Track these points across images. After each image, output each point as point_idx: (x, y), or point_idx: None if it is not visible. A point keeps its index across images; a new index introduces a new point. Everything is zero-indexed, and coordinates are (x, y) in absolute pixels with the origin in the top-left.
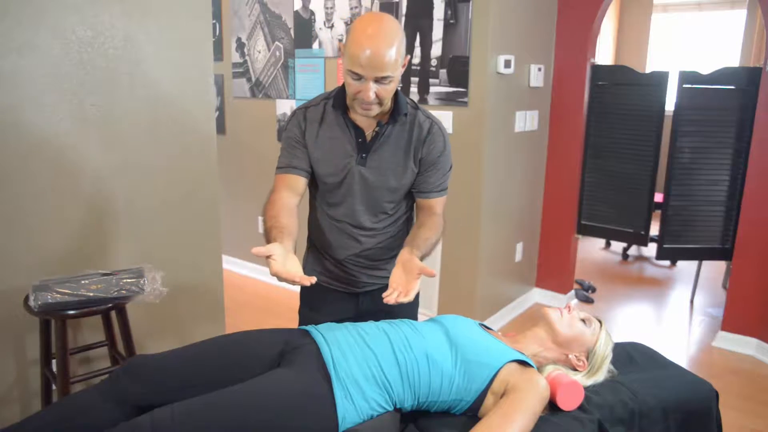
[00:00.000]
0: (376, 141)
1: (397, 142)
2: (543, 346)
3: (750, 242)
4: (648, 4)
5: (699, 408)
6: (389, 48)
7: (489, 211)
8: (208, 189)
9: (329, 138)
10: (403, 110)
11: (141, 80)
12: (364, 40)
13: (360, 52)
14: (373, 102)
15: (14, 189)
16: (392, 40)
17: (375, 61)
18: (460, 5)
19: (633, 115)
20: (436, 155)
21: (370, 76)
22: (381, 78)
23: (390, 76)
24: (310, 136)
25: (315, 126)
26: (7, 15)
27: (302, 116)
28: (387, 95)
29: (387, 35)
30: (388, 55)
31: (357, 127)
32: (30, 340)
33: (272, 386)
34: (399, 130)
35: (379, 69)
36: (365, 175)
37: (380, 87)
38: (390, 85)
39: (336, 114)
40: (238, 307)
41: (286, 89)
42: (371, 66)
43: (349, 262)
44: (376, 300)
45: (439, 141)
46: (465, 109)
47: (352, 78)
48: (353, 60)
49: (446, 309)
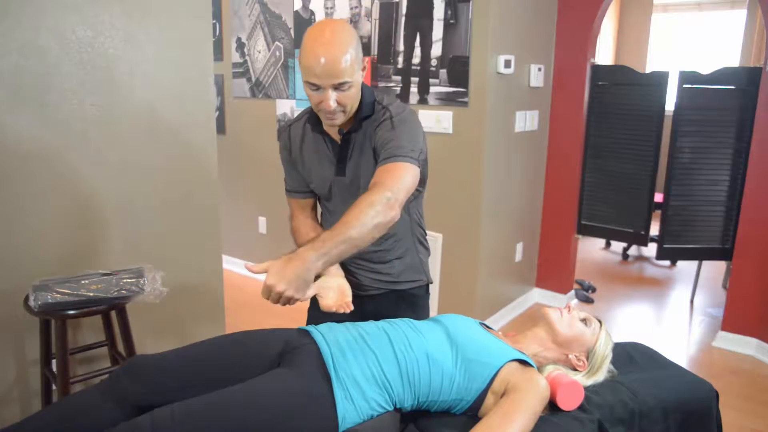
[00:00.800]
0: (347, 148)
1: (365, 142)
2: (543, 346)
3: (750, 242)
4: (648, 4)
5: (699, 408)
6: (343, 54)
7: (489, 211)
8: (208, 189)
9: (311, 153)
10: (365, 113)
11: (141, 80)
12: (318, 48)
13: (314, 61)
14: (336, 110)
15: (14, 189)
16: (346, 46)
17: (330, 69)
18: (460, 5)
19: (633, 115)
20: (386, 130)
21: (327, 85)
22: (339, 85)
23: (348, 81)
24: (296, 154)
25: (297, 143)
26: (7, 15)
27: (287, 135)
28: (349, 101)
29: (339, 41)
30: (343, 60)
31: (332, 140)
32: (30, 340)
33: (272, 386)
34: (364, 131)
35: (335, 76)
36: (345, 183)
37: (340, 94)
38: (350, 90)
39: (313, 129)
40: (238, 307)
41: (286, 89)
42: (326, 74)
43: (351, 265)
44: (381, 307)
45: (386, 123)
46: (465, 109)
47: (311, 89)
48: (308, 70)
49: (446, 309)
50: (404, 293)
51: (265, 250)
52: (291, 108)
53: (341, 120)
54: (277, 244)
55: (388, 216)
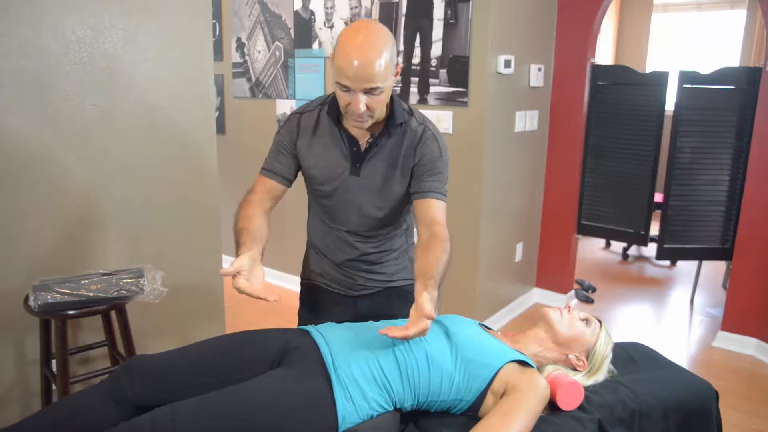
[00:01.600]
0: (369, 152)
1: (392, 151)
2: (543, 346)
3: (750, 242)
4: (648, 4)
5: (699, 408)
6: (377, 58)
7: (489, 211)
8: (208, 189)
9: (323, 146)
10: (398, 120)
11: (141, 80)
12: (352, 51)
13: (347, 64)
14: (364, 114)
15: (14, 189)
16: (380, 50)
17: (363, 73)
18: (460, 5)
19: (633, 115)
20: (432, 159)
21: (358, 88)
22: (370, 89)
23: (379, 87)
24: (303, 144)
25: (308, 133)
26: (7, 15)
27: (296, 122)
28: (379, 106)
29: (375, 45)
30: (377, 65)
31: (351, 137)
32: (30, 340)
33: (272, 386)
34: (394, 139)
35: (368, 80)
36: (359, 184)
37: (371, 98)
38: (381, 95)
39: (330, 122)
40: (238, 307)
41: (286, 89)
42: (359, 78)
43: (347, 266)
44: (374, 304)
45: (433, 145)
46: (465, 109)
47: (341, 90)
48: (341, 72)
49: (446, 309)
50: (398, 290)
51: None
52: (291, 108)
53: (368, 124)
54: (277, 244)
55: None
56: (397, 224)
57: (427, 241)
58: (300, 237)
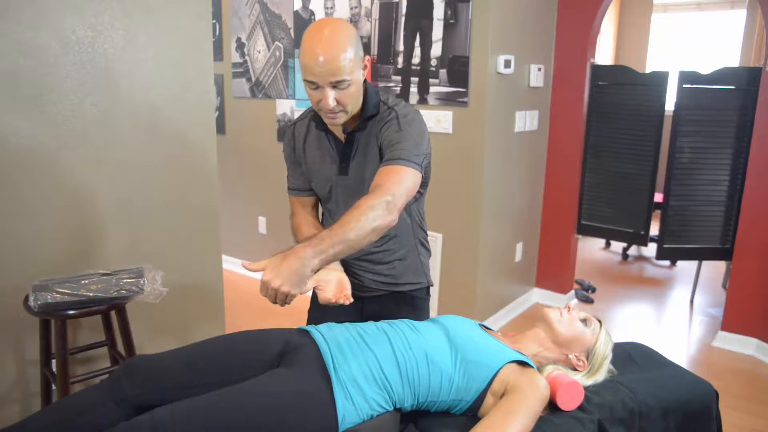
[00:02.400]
0: (351, 148)
1: (369, 142)
2: (543, 346)
3: (750, 242)
4: (648, 4)
5: (699, 408)
6: (342, 52)
7: (489, 211)
8: (208, 189)
9: (313, 151)
10: (369, 113)
11: (141, 80)
12: (316, 47)
13: (312, 60)
14: (335, 109)
15: (14, 189)
16: (344, 44)
17: (328, 67)
18: (460, 5)
19: (633, 115)
20: (389, 134)
21: (325, 83)
22: (337, 83)
23: (346, 80)
24: (299, 152)
25: (301, 141)
26: (7, 15)
27: (291, 134)
28: (350, 100)
29: (338, 39)
30: (342, 58)
31: (336, 139)
32: (30, 340)
33: (272, 386)
34: (368, 131)
35: (333, 74)
36: (347, 184)
37: (339, 93)
38: (349, 89)
39: (317, 128)
40: (238, 307)
41: (286, 89)
42: (324, 72)
43: (352, 266)
44: (382, 307)
45: (393, 124)
46: (465, 109)
47: (310, 88)
48: (307, 69)
49: (446, 309)
50: (405, 295)
51: (265, 250)
52: (291, 108)
53: (343, 119)
54: (277, 244)
55: (387, 220)
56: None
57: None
58: None
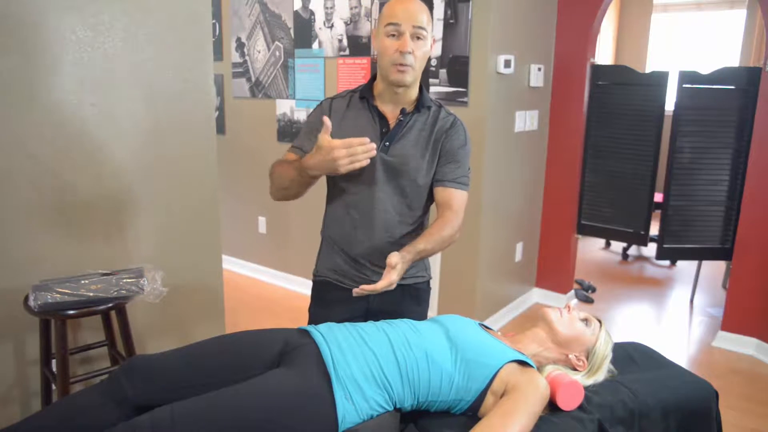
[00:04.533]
0: (399, 130)
1: (420, 133)
2: (543, 346)
3: (750, 242)
4: (648, 4)
5: (699, 408)
6: (424, 10)
7: (489, 211)
8: (208, 189)
9: (354, 125)
10: (427, 102)
11: (141, 80)
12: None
13: (398, 5)
14: (408, 61)
15: (14, 189)
16: (425, 7)
17: (412, 11)
18: (460, 5)
19: (633, 115)
20: (457, 146)
21: (407, 27)
22: (418, 29)
23: (426, 29)
24: (335, 123)
25: (340, 114)
26: (8, 15)
27: (328, 106)
28: (421, 57)
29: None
30: (424, 10)
31: (382, 116)
32: (30, 340)
33: (272, 386)
34: (422, 122)
35: (417, 19)
36: (387, 162)
37: (416, 44)
38: (425, 45)
39: (362, 103)
40: (238, 307)
41: (285, 89)
42: (409, 15)
43: (362, 258)
44: (386, 301)
45: (460, 133)
46: (465, 109)
47: (388, 36)
48: (391, 14)
49: (446, 309)
50: (409, 287)
51: (265, 250)
52: (291, 108)
53: (409, 79)
54: (277, 244)
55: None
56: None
57: (434, 223)
58: (304, 239)
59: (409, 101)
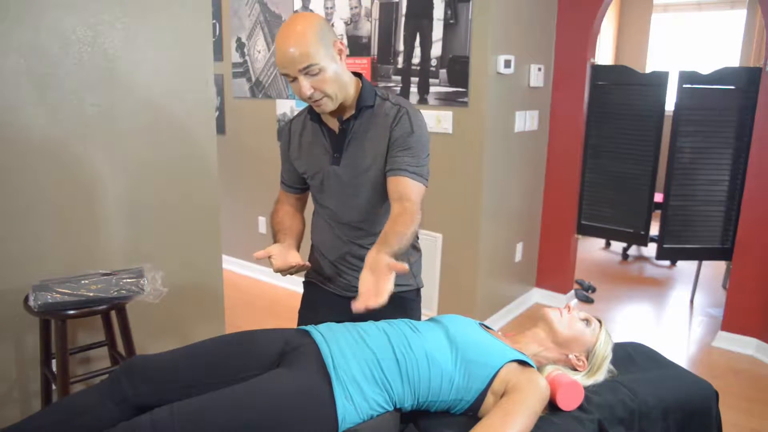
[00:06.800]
0: (344, 138)
1: (367, 135)
2: (543, 346)
3: (750, 242)
4: (648, 4)
5: (699, 408)
6: (302, 38)
7: (489, 211)
8: (208, 189)
9: (308, 143)
10: (366, 102)
11: (141, 80)
12: (280, 42)
13: (280, 53)
14: (315, 96)
15: (14, 189)
16: (304, 32)
17: (290, 57)
18: (460, 5)
19: (633, 115)
20: (404, 134)
21: (294, 72)
22: (306, 69)
23: (314, 64)
24: (294, 146)
25: (297, 135)
26: (8, 15)
27: (287, 129)
28: (329, 86)
29: (299, 30)
30: (302, 45)
31: (330, 130)
32: (30, 340)
33: (272, 386)
34: (366, 124)
35: (299, 61)
36: (339, 173)
37: (313, 79)
38: (323, 75)
39: (312, 120)
40: (238, 307)
41: (285, 89)
42: (290, 62)
43: (341, 263)
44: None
45: (405, 123)
46: (465, 109)
47: (290, 82)
48: (279, 64)
49: (446, 309)
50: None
51: None
52: (291, 108)
53: (330, 106)
54: None
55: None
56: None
57: (395, 215)
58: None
59: (351, 107)
